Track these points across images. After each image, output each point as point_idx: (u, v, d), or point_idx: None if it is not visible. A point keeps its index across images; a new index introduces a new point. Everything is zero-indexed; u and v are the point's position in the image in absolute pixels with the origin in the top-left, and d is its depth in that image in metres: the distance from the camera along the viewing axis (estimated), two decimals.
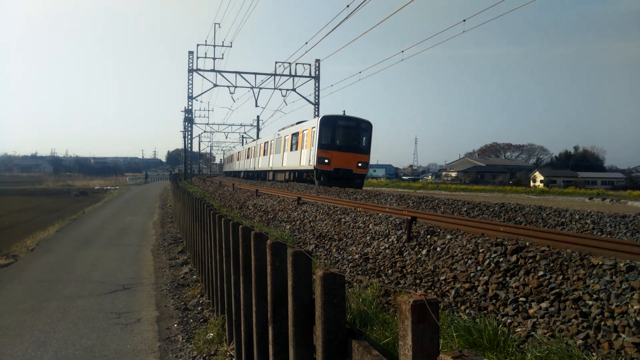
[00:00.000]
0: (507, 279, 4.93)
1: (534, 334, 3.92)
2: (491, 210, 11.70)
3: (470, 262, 5.56)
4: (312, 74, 38.10)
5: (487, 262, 5.35)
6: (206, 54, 36.90)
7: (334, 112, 25.82)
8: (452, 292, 5.13)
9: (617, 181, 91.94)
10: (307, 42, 23.51)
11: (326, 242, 8.80)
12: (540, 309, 4.24)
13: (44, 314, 6.83)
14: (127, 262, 10.83)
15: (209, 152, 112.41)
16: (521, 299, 4.51)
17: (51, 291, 8.17)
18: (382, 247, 7.23)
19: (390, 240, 7.36)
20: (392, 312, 4.70)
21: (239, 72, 37.28)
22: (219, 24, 56.42)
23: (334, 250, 8.19)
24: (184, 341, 5.77)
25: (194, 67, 37.58)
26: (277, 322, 2.96)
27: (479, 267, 5.34)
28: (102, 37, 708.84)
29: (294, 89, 37.64)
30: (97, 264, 10.60)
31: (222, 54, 43.74)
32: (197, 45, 38.40)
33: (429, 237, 6.80)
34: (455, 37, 40.85)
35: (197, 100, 40.56)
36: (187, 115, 41.56)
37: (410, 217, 7.33)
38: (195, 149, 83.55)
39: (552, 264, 4.73)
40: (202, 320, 6.43)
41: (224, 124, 66.92)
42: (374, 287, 5.48)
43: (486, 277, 5.08)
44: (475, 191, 59.40)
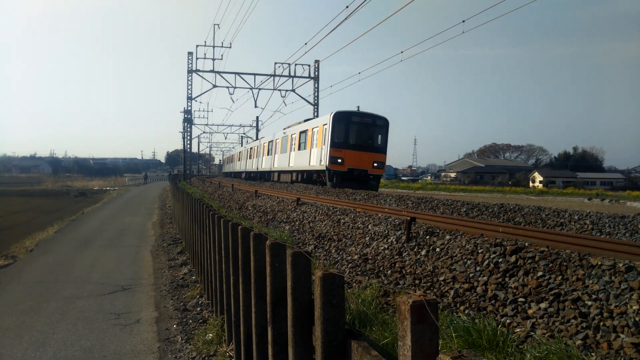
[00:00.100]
0: (507, 279, 4.93)
1: (533, 334, 3.93)
2: (490, 210, 11.70)
3: (469, 262, 5.56)
4: (312, 75, 38.13)
5: (487, 262, 5.35)
6: (205, 54, 36.94)
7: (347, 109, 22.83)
8: (452, 292, 5.13)
9: (616, 182, 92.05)
10: (306, 43, 23.09)
11: (325, 242, 8.80)
12: (539, 309, 4.24)
13: (43, 315, 6.82)
14: (126, 263, 10.82)
15: (208, 152, 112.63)
16: (520, 300, 4.51)
17: (50, 292, 8.17)
18: (382, 248, 7.23)
19: (389, 240, 7.36)
20: (392, 312, 4.70)
21: (238, 73, 37.30)
22: (218, 25, 56.31)
23: (333, 250, 8.19)
24: (183, 342, 5.77)
25: (194, 68, 37.61)
26: (277, 322, 2.96)
27: (478, 268, 5.34)
28: (102, 37, 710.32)
29: (294, 90, 37.68)
30: (96, 265, 10.60)
31: (222, 55, 43.63)
32: (197, 46, 38.54)
33: (428, 237, 6.80)
34: (454, 37, 40.84)
35: (196, 101, 40.79)
36: (186, 116, 41.61)
37: (409, 218, 7.33)
38: (194, 149, 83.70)
39: (551, 265, 4.74)
40: (201, 321, 6.43)
41: (223, 125, 66.98)
42: (373, 288, 5.49)
43: (485, 278, 5.09)
44: (474, 192, 59.45)
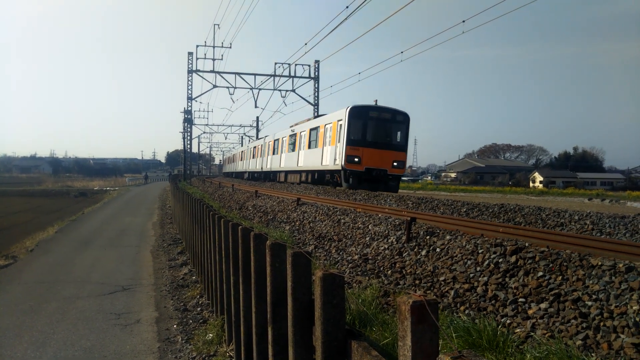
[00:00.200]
0: (507, 279, 4.93)
1: (533, 334, 3.93)
2: (490, 211, 11.70)
3: (469, 262, 5.56)
4: (312, 75, 38.16)
5: (487, 262, 5.35)
6: (205, 55, 36.97)
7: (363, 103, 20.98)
8: (452, 292, 5.13)
9: (617, 182, 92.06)
10: (306, 43, 22.94)
11: (326, 242, 8.80)
12: (539, 309, 4.24)
13: (44, 315, 6.82)
14: (126, 263, 10.82)
15: (209, 152, 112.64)
16: (520, 300, 4.51)
17: (50, 292, 8.17)
18: (382, 248, 7.23)
19: (389, 241, 7.36)
20: (392, 312, 4.70)
21: (239, 73, 37.33)
22: (218, 25, 56.35)
23: (334, 251, 8.18)
24: (184, 342, 5.77)
25: (194, 68, 37.63)
26: (277, 322, 2.96)
27: (479, 268, 5.34)
28: (102, 37, 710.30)
29: (294, 90, 37.70)
30: (96, 265, 10.60)
31: (222, 55, 43.67)
32: (197, 46, 38.49)
33: (428, 237, 6.80)
34: (455, 37, 40.87)
35: (196, 101, 40.79)
36: (186, 116, 41.64)
37: (409, 218, 7.33)
38: (194, 149, 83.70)
39: (551, 265, 4.74)
40: (201, 321, 6.43)
41: (224, 125, 67.04)
42: (373, 288, 5.49)
43: (485, 278, 5.09)
44: (474, 192, 59.46)
